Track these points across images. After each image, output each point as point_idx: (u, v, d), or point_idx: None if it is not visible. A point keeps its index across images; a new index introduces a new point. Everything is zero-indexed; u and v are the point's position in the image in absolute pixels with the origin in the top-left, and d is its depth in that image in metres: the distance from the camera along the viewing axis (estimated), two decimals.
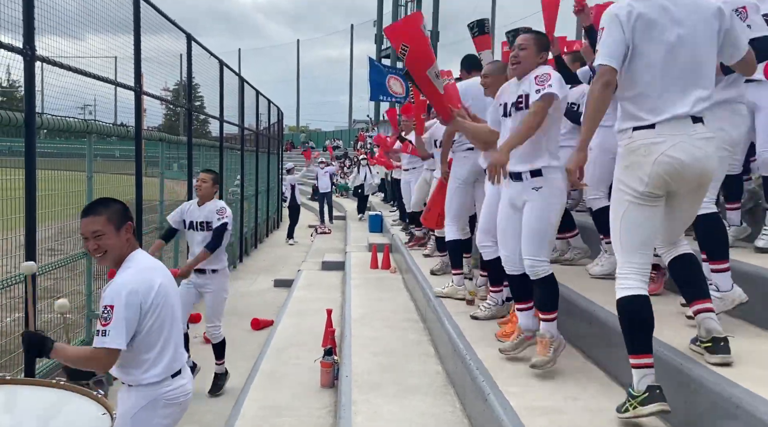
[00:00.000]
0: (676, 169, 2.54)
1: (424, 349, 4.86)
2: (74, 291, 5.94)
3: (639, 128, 2.60)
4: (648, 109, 2.59)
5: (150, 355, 2.66)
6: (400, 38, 3.69)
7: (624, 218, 2.63)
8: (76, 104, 5.59)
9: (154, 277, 2.67)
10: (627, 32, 2.58)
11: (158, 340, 2.67)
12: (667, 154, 2.54)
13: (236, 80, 12.67)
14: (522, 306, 3.63)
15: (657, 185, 2.58)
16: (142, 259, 2.73)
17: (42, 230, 4.76)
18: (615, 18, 2.60)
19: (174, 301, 2.78)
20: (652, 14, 2.59)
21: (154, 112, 9.13)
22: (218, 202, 5.49)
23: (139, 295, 2.57)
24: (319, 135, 53.26)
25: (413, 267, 6.87)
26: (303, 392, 4.66)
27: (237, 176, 13.24)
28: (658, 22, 2.59)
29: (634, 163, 2.59)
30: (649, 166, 2.55)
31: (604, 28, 2.63)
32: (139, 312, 2.58)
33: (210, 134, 12.53)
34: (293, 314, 7.02)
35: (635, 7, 2.59)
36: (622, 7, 2.61)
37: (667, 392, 2.77)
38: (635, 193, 2.60)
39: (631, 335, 2.62)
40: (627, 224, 2.63)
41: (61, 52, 4.91)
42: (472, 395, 3.46)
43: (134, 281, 2.60)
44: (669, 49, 2.59)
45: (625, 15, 2.58)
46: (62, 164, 6.08)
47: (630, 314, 2.62)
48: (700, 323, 2.74)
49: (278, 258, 12.86)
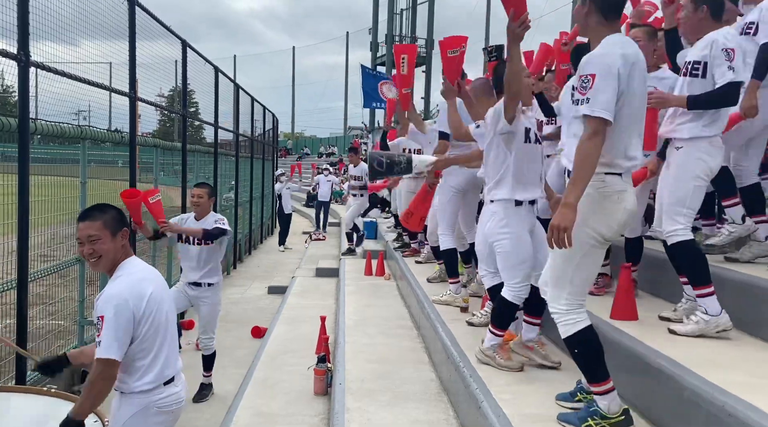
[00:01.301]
0: (631, 218, 2.68)
1: (418, 356, 4.86)
2: (66, 298, 5.91)
3: (611, 174, 2.60)
4: (622, 156, 2.60)
5: (143, 363, 2.65)
6: (452, 46, 4.08)
7: (583, 260, 2.64)
8: (71, 110, 5.58)
9: (146, 286, 2.67)
10: (623, 81, 2.51)
11: (151, 348, 2.66)
12: (631, 203, 2.63)
13: (231, 86, 12.67)
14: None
15: (619, 233, 2.69)
16: (135, 267, 2.73)
17: (34, 236, 4.73)
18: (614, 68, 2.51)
19: (167, 309, 2.77)
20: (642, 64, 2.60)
21: (149, 118, 9.13)
22: (216, 215, 5.46)
23: (129, 303, 2.57)
24: (314, 141, 53.25)
25: (407, 274, 6.87)
26: (296, 400, 4.64)
27: (231, 182, 13.22)
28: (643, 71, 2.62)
29: (606, 209, 2.60)
30: (619, 214, 2.61)
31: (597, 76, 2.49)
32: (132, 320, 2.58)
33: (205, 140, 12.53)
34: (287, 321, 7.00)
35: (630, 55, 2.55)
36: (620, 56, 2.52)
37: (660, 401, 2.79)
38: (600, 239, 2.63)
39: (598, 363, 2.67)
40: (586, 265, 2.66)
41: (56, 57, 4.90)
42: (466, 402, 3.46)
43: (126, 291, 2.60)
44: (642, 98, 2.65)
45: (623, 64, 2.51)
46: (56, 170, 6.04)
47: (594, 343, 2.69)
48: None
49: (272, 265, 12.83)
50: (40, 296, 5.52)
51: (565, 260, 2.64)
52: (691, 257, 3.27)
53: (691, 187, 3.25)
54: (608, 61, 2.49)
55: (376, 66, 38.94)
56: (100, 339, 2.52)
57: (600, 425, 2.66)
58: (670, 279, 4.08)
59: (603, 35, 2.59)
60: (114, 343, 2.52)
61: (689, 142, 3.29)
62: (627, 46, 2.58)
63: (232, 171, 13.07)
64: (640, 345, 3.11)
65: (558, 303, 2.69)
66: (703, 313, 3.23)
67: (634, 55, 2.56)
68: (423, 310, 5.36)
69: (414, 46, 7.01)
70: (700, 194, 3.30)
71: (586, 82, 2.49)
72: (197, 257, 5.28)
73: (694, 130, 3.28)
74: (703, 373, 2.66)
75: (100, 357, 2.52)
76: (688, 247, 3.26)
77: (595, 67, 2.49)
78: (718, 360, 2.90)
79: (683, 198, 3.26)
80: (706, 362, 2.81)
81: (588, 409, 2.73)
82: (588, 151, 2.46)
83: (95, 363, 2.56)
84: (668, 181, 3.36)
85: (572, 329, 2.66)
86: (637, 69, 2.55)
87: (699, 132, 3.27)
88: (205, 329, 5.48)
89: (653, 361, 2.90)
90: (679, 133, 3.33)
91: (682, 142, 3.32)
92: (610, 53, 2.50)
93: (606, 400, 2.66)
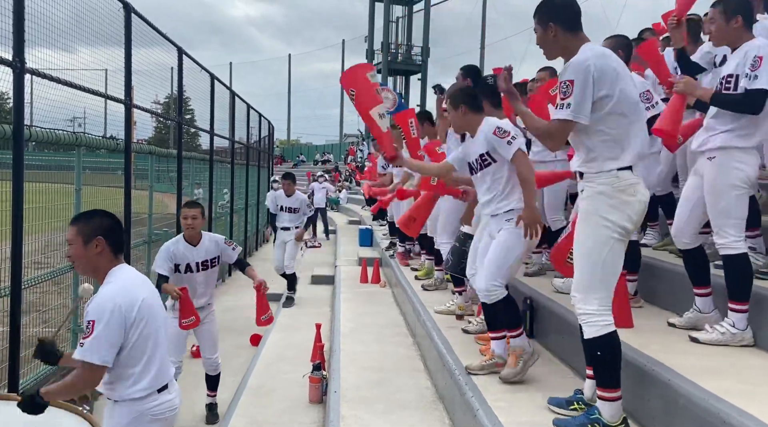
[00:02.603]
0: (646, 209, 2.73)
1: (414, 364, 4.85)
2: (60, 305, 5.88)
3: (622, 169, 2.64)
4: (629, 151, 2.66)
5: (135, 369, 2.64)
6: (349, 84, 4.14)
7: (608, 256, 2.64)
8: (66, 116, 5.56)
9: (138, 292, 2.67)
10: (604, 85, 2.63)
11: (143, 355, 2.65)
12: (645, 195, 2.70)
13: (227, 94, 12.69)
14: (494, 335, 3.72)
15: (638, 223, 2.73)
16: (125, 274, 2.73)
17: (28, 243, 4.71)
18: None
19: (159, 316, 2.76)
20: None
21: (145, 125, 9.12)
22: (213, 236, 5.21)
23: (122, 310, 2.57)
24: (310, 149, 53.31)
25: (403, 281, 6.87)
26: (291, 408, 4.62)
27: (226, 189, 13.20)
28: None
29: (623, 202, 2.63)
30: (637, 205, 2.66)
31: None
32: (123, 326, 2.58)
33: (200, 147, 12.53)
34: (282, 329, 6.98)
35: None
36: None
37: (655, 408, 2.79)
38: (623, 232, 2.65)
39: (615, 368, 2.67)
40: (611, 261, 2.66)
41: (52, 64, 4.90)
42: (461, 410, 3.45)
43: (116, 296, 2.59)
44: (634, 99, 2.74)
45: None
46: (50, 177, 6.03)
47: (617, 349, 2.67)
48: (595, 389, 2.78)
49: (267, 272, 12.75)
50: (34, 303, 5.49)
51: (593, 261, 2.64)
52: (739, 271, 3.23)
53: (733, 196, 3.18)
54: (583, 67, 2.57)
55: None
56: (88, 343, 2.50)
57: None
58: (665, 288, 4.11)
59: (577, 47, 2.68)
60: (104, 348, 2.51)
61: (722, 152, 3.24)
62: (604, 54, 2.66)
63: (227, 178, 13.06)
64: (635, 352, 3.11)
65: (589, 305, 2.65)
66: (730, 325, 3.24)
67: (614, 62, 2.65)
68: (419, 317, 5.35)
69: (412, 110, 7.02)
70: (743, 202, 3.21)
71: (566, 87, 2.59)
72: (203, 282, 5.01)
73: (728, 140, 3.22)
74: (698, 380, 2.66)
75: (87, 361, 2.50)
76: (739, 260, 3.21)
77: (572, 74, 2.59)
78: (713, 367, 2.90)
79: (726, 209, 3.20)
80: (701, 370, 2.81)
81: (589, 415, 2.71)
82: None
83: (81, 366, 2.55)
84: (708, 196, 3.30)
85: (601, 331, 2.63)
86: (620, 75, 2.62)
87: (732, 142, 3.21)
88: (211, 348, 5.21)
89: (648, 368, 2.90)
90: (711, 144, 3.28)
91: (715, 151, 3.27)
92: (584, 60, 2.59)
93: (612, 408, 2.64)
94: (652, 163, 4.30)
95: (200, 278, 4.99)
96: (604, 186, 2.63)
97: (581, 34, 2.74)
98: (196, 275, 4.96)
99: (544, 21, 2.75)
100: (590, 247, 2.64)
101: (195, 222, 4.93)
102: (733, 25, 3.26)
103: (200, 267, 4.97)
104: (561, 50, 2.78)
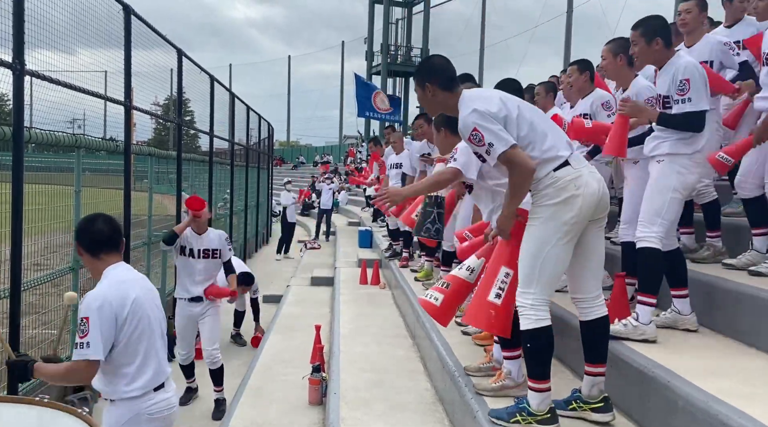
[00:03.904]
0: (600, 199, 2.74)
1: (414, 365, 4.85)
2: (59, 307, 5.87)
3: (558, 168, 2.72)
4: (552, 151, 2.73)
5: (130, 368, 2.66)
6: None
7: (549, 254, 2.71)
8: (66, 118, 5.57)
9: (129, 290, 2.70)
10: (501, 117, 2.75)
11: (137, 353, 2.67)
12: (592, 187, 2.72)
13: (227, 95, 12.69)
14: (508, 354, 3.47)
15: (587, 217, 2.74)
16: (119, 271, 2.77)
17: (28, 245, 4.72)
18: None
19: (153, 314, 2.77)
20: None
21: (144, 127, 9.13)
22: (218, 231, 5.54)
23: (113, 307, 2.61)
24: (310, 150, 53.30)
25: (402, 283, 6.86)
26: (291, 410, 4.62)
27: (226, 191, 13.20)
28: None
29: (567, 198, 2.70)
30: (580, 199, 2.70)
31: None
32: (115, 324, 2.61)
33: (200, 149, 12.53)
34: (282, 330, 6.98)
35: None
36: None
37: (654, 410, 2.79)
38: (566, 227, 2.71)
39: (546, 361, 2.80)
40: (552, 260, 2.73)
41: (51, 66, 4.90)
42: (461, 412, 3.45)
43: (107, 293, 2.63)
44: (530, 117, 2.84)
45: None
46: (50, 178, 6.03)
47: (549, 343, 2.80)
48: (593, 385, 2.90)
49: (267, 274, 12.79)
50: (33, 305, 5.49)
51: (534, 258, 2.72)
52: (651, 264, 3.39)
53: (668, 198, 3.37)
54: (475, 116, 2.69)
55: (372, 76, 39.08)
56: (84, 340, 2.55)
57: (527, 421, 2.77)
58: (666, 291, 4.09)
59: (455, 103, 2.83)
60: (99, 343, 2.56)
61: (669, 157, 3.42)
62: (479, 98, 2.78)
63: (227, 180, 13.07)
64: (634, 354, 3.11)
65: (525, 299, 2.75)
66: (634, 319, 3.35)
67: (497, 99, 2.76)
68: (418, 319, 5.35)
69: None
70: (675, 206, 3.40)
71: (475, 136, 2.70)
72: (202, 270, 5.27)
73: (674, 147, 3.41)
74: (698, 382, 2.66)
75: (83, 358, 2.56)
76: (653, 254, 3.36)
77: (475, 123, 2.69)
78: (713, 369, 2.90)
79: (659, 209, 3.38)
80: (700, 372, 2.81)
81: (518, 405, 2.83)
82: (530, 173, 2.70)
83: (73, 362, 2.60)
84: (647, 191, 3.49)
85: (533, 325, 2.74)
86: (506, 104, 2.75)
87: (679, 149, 3.40)
88: (211, 340, 5.42)
89: (648, 370, 2.90)
90: (660, 150, 3.47)
91: (664, 156, 3.45)
92: (470, 113, 2.70)
93: (539, 398, 2.77)
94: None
95: (200, 266, 5.33)
96: (546, 189, 2.72)
97: (457, 91, 2.87)
98: (194, 261, 5.33)
99: (422, 82, 2.93)
100: (534, 244, 2.73)
101: (201, 215, 5.38)
102: (654, 47, 3.46)
103: (201, 254, 5.34)
104: (441, 106, 2.97)
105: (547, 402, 2.79)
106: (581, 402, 2.94)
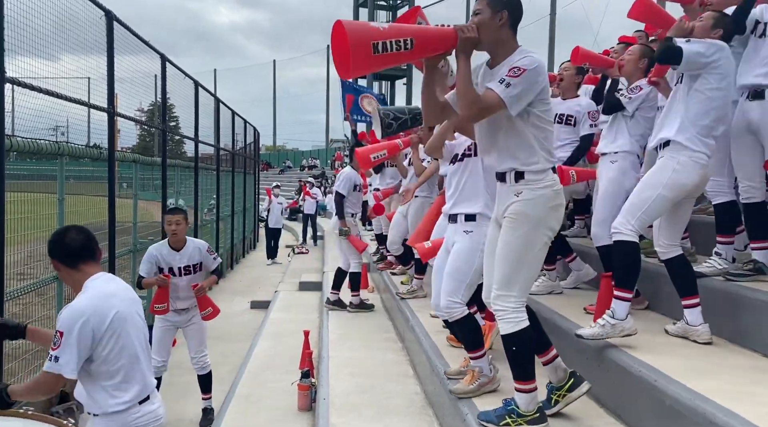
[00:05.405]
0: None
1: (403, 369, 4.84)
2: (44, 317, 5.80)
3: (553, 170, 2.75)
4: (548, 154, 2.73)
5: (112, 382, 2.62)
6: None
7: (534, 257, 2.75)
8: (48, 125, 5.50)
9: (110, 303, 2.63)
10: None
11: (119, 368, 2.62)
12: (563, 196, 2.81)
13: (212, 100, 12.63)
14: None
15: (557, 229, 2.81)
16: (100, 284, 2.69)
17: (11, 254, 4.65)
18: None
19: (134, 327, 2.71)
20: None
21: (128, 133, 9.06)
22: (197, 242, 5.22)
23: (90, 322, 2.54)
24: (296, 154, 53.14)
25: (391, 287, 6.86)
26: (280, 416, 4.59)
27: (213, 196, 13.13)
28: None
29: (558, 205, 2.73)
30: (561, 208, 2.76)
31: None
32: (92, 338, 2.55)
33: (185, 154, 12.45)
34: (270, 336, 6.94)
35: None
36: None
37: (642, 410, 2.80)
38: (551, 234, 2.75)
39: (530, 362, 2.81)
40: (535, 263, 2.78)
41: (33, 73, 4.84)
42: (451, 415, 3.45)
43: (86, 309, 2.56)
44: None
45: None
46: (33, 186, 5.96)
47: (531, 343, 2.82)
48: (556, 368, 2.98)
49: (255, 279, 12.73)
50: (17, 315, 5.41)
51: (520, 261, 2.71)
52: (627, 259, 3.28)
53: (657, 193, 3.22)
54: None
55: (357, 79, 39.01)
56: (57, 354, 2.49)
57: (516, 422, 2.78)
58: (658, 292, 4.11)
59: (512, 46, 2.72)
60: (70, 361, 2.49)
61: (673, 147, 3.27)
62: (543, 65, 2.78)
63: (213, 185, 12.99)
64: (621, 354, 3.13)
65: (507, 302, 2.74)
66: (610, 316, 3.24)
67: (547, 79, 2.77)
68: (407, 322, 5.34)
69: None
70: (660, 204, 3.23)
71: (517, 72, 2.59)
72: (185, 287, 5.02)
73: (688, 139, 3.25)
74: (685, 381, 2.67)
75: (52, 372, 2.50)
76: (629, 247, 3.25)
77: (529, 69, 2.63)
78: (700, 368, 2.92)
79: (644, 202, 3.23)
80: (687, 371, 2.83)
81: (506, 407, 2.84)
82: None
83: (43, 373, 2.54)
84: (640, 184, 3.38)
85: (515, 327, 2.74)
86: (547, 86, 2.77)
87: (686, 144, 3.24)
88: (198, 347, 5.25)
89: (635, 369, 2.92)
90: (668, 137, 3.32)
91: (664, 151, 3.32)
92: (536, 61, 2.66)
93: (527, 399, 2.78)
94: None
95: (183, 283, 5.05)
96: (544, 189, 2.68)
97: (516, 41, 2.69)
98: (178, 279, 5.03)
99: (498, 6, 2.60)
100: (520, 247, 2.70)
101: (179, 228, 5.00)
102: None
103: (182, 272, 5.04)
104: (494, 41, 2.65)
105: (534, 402, 2.79)
106: (556, 390, 2.99)
